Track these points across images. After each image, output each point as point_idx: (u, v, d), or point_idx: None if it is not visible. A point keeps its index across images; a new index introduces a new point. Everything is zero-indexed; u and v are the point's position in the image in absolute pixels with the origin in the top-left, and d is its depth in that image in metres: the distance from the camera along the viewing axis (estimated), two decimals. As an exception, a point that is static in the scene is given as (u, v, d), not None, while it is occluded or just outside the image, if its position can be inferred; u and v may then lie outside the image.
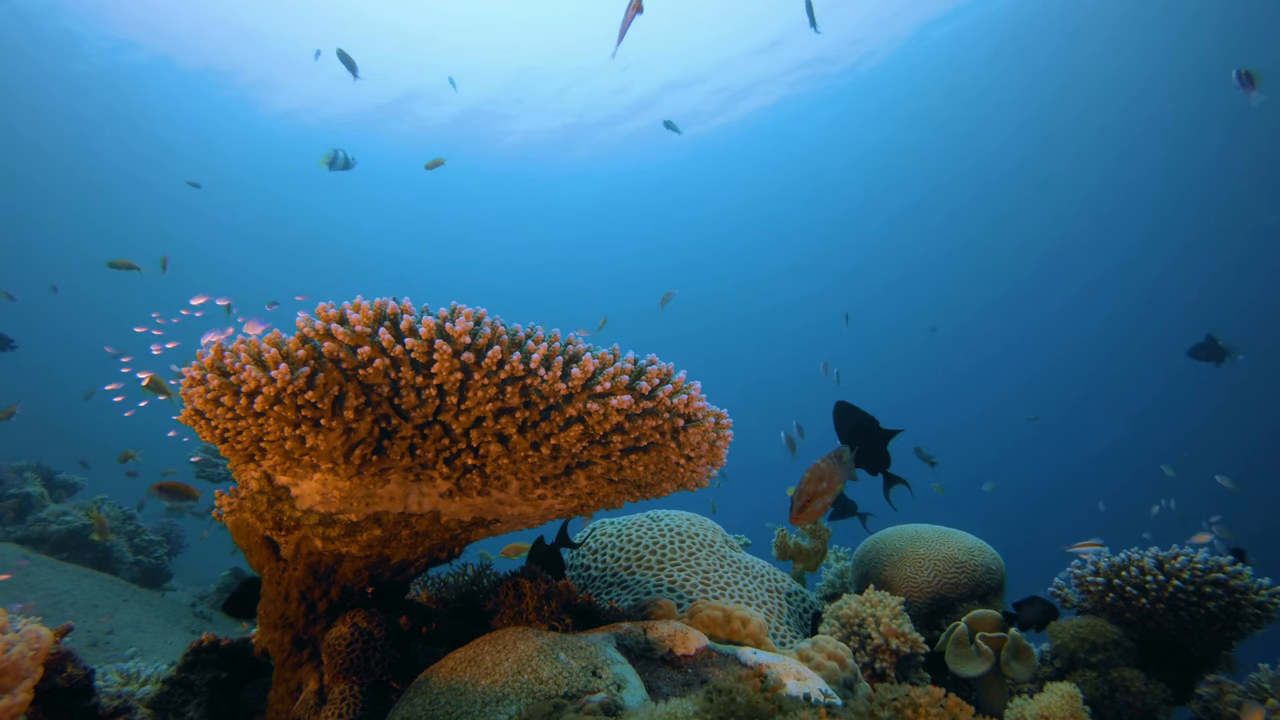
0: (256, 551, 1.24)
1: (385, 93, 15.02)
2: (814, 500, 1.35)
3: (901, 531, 2.04)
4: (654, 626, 1.23)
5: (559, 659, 0.99)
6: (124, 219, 18.62)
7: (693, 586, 1.71)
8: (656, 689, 1.08)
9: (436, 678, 1.01)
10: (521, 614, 1.24)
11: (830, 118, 16.10)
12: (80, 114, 15.35)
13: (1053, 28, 12.98)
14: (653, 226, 22.07)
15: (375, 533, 1.17)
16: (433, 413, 1.07)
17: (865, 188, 19.34)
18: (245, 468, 1.17)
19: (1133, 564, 1.80)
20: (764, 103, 15.53)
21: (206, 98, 15.12)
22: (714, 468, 1.29)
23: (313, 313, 1.05)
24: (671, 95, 15.21)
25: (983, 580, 1.88)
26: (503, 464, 1.11)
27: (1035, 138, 16.23)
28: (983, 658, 1.50)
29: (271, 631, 1.21)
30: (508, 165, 17.95)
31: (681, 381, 1.14)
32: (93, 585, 3.56)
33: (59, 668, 1.10)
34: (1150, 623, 1.77)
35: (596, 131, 16.67)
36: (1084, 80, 14.30)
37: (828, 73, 14.46)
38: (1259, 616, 1.70)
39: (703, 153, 17.68)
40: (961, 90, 15.09)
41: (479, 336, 1.02)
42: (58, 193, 17.86)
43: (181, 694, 1.27)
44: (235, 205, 18.98)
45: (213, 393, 1.03)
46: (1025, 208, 18.50)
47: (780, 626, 1.68)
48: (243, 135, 16.50)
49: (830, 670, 1.30)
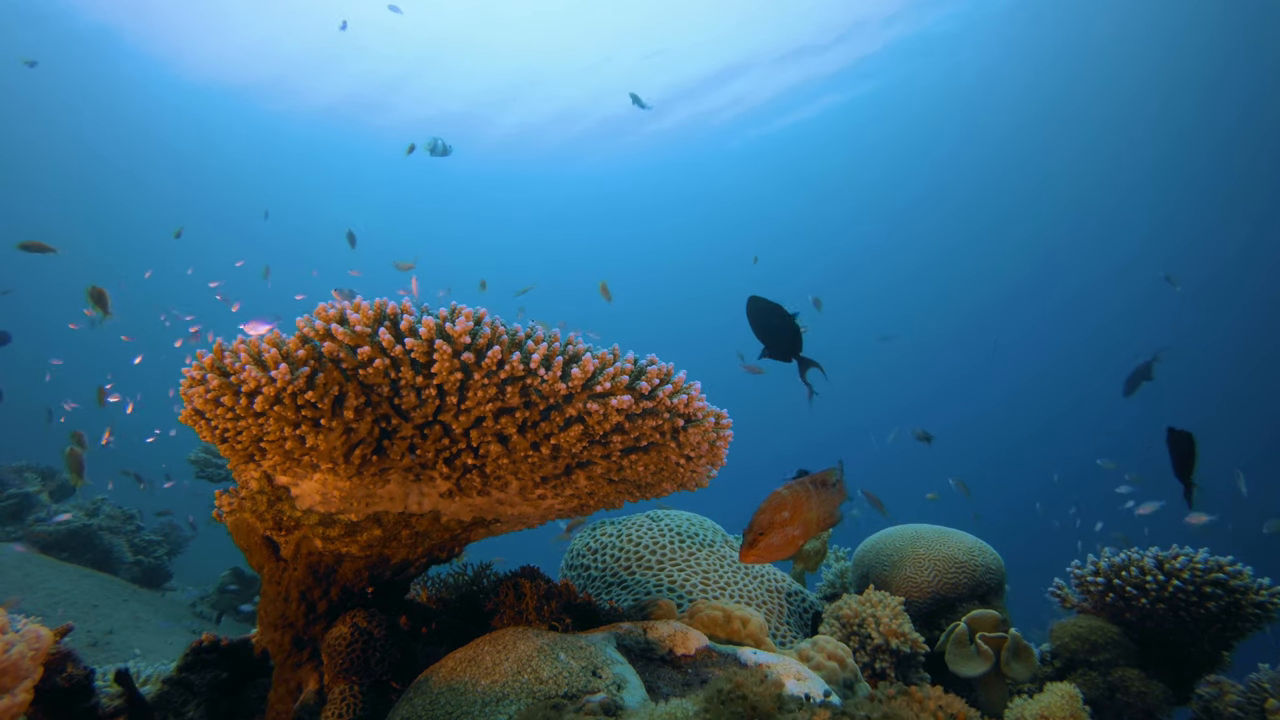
0: (256, 551, 1.24)
1: (387, 94, 15.04)
2: (772, 533, 1.12)
3: (901, 531, 2.04)
4: (654, 626, 1.23)
5: (559, 659, 0.99)
6: (124, 220, 18.63)
7: (693, 586, 1.71)
8: (656, 689, 1.08)
9: (436, 678, 1.01)
10: (521, 614, 1.24)
11: (830, 118, 16.11)
12: (81, 114, 15.37)
13: (1053, 28, 12.99)
14: (652, 227, 22.08)
15: (375, 533, 1.17)
16: (433, 413, 1.07)
17: (864, 188, 19.35)
18: (245, 468, 1.17)
19: (1133, 564, 1.80)
20: (757, 103, 15.55)
21: (205, 96, 15.13)
22: (714, 468, 1.29)
23: (312, 313, 1.05)
24: (672, 95, 15.22)
25: (983, 580, 1.88)
26: (503, 464, 1.11)
27: (1035, 137, 16.24)
28: (983, 658, 1.50)
29: (271, 631, 1.21)
30: (502, 166, 17.98)
31: (681, 381, 1.14)
32: (93, 585, 3.56)
33: (59, 668, 1.09)
34: (1150, 623, 1.77)
35: (595, 132, 16.67)
36: (1084, 80, 14.30)
37: (827, 72, 14.46)
38: (1259, 616, 1.70)
39: (704, 153, 17.70)
40: (960, 92, 15.10)
41: (479, 336, 1.02)
42: (59, 191, 17.87)
43: (181, 694, 1.27)
44: (235, 205, 19.00)
45: (213, 393, 1.03)
46: (1025, 208, 18.51)
47: (780, 626, 1.68)
48: (241, 133, 16.51)
49: (830, 670, 1.30)
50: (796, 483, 1.19)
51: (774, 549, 1.14)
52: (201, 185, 18.44)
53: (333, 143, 16.91)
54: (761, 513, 1.14)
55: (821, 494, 1.19)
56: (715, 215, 21.12)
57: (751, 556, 1.15)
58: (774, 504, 1.14)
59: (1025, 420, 22.69)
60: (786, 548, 1.15)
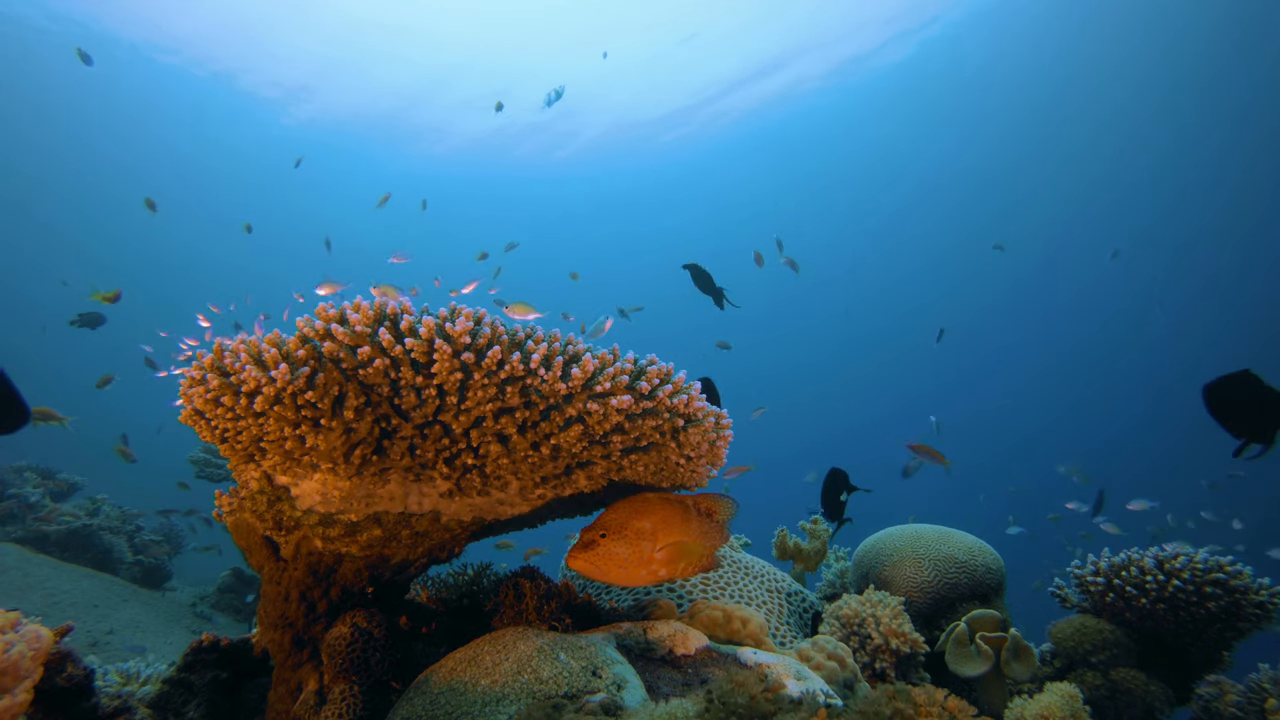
0: (256, 551, 1.24)
1: (392, 97, 15.06)
2: (620, 540, 0.84)
3: (901, 531, 2.04)
4: (654, 626, 1.23)
5: (559, 659, 0.99)
6: (127, 219, 18.63)
7: (692, 586, 1.71)
8: (656, 689, 1.08)
9: (436, 678, 1.01)
10: (521, 614, 1.24)
11: (829, 118, 16.11)
12: (91, 117, 15.41)
13: (1052, 30, 12.99)
14: (650, 226, 22.08)
15: (375, 533, 1.17)
16: (433, 413, 1.07)
17: (863, 188, 19.35)
18: (245, 468, 1.17)
19: (1133, 564, 1.80)
20: (751, 105, 15.56)
21: (217, 100, 15.17)
22: (714, 468, 1.28)
23: (312, 313, 1.05)
24: (672, 95, 15.23)
25: (983, 580, 1.88)
26: (503, 464, 1.11)
27: (1034, 138, 16.24)
28: (983, 658, 1.50)
29: (271, 631, 1.21)
30: (492, 167, 18.02)
31: (681, 381, 1.14)
32: (93, 585, 3.56)
33: (59, 668, 1.09)
34: (1150, 623, 1.77)
35: (596, 131, 16.68)
36: (1082, 81, 14.31)
37: (826, 72, 14.47)
38: (1259, 616, 1.70)
39: (706, 153, 17.70)
40: (960, 90, 15.10)
41: (479, 336, 1.02)
42: (65, 193, 17.89)
43: (182, 694, 1.27)
44: (237, 206, 19.02)
45: (213, 393, 1.03)
46: (1024, 208, 18.51)
47: (780, 626, 1.68)
48: (245, 138, 16.53)
49: (830, 670, 1.30)
50: (676, 498, 0.97)
51: (615, 561, 0.85)
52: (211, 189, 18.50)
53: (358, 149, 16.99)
54: (614, 511, 0.91)
55: (703, 523, 0.95)
56: (714, 215, 21.13)
57: (579, 562, 0.88)
58: (634, 507, 0.90)
59: (1024, 421, 22.71)
60: (634, 565, 0.85)
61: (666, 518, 0.87)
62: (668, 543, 0.85)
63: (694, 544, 0.88)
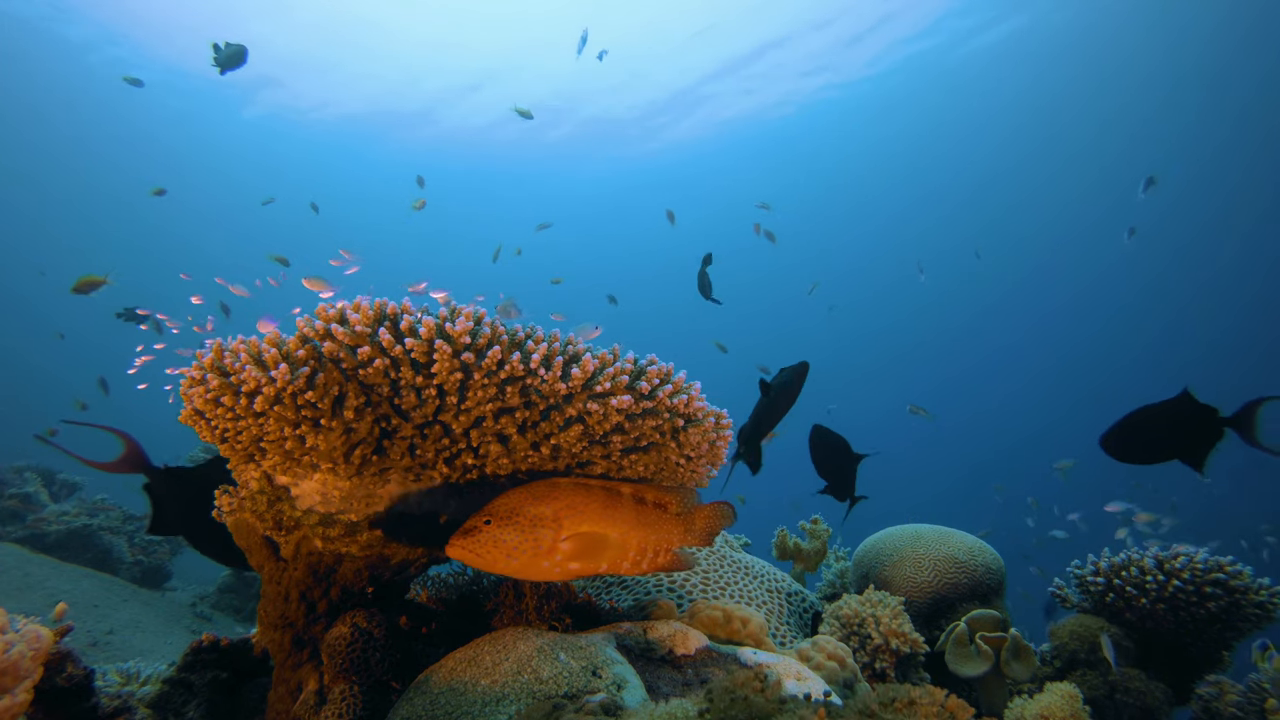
0: (256, 551, 1.24)
1: (396, 98, 15.06)
2: (510, 526, 0.74)
3: (901, 531, 2.04)
4: (654, 626, 1.23)
5: (559, 659, 0.99)
6: (129, 220, 18.64)
7: (692, 586, 1.71)
8: (656, 689, 1.08)
9: (436, 678, 1.01)
10: (521, 614, 1.24)
11: (828, 118, 16.11)
12: (84, 115, 15.38)
13: (1052, 29, 12.99)
14: (648, 227, 22.07)
15: (375, 533, 1.17)
16: (433, 413, 1.07)
17: (863, 188, 19.34)
18: (245, 468, 1.17)
19: (1133, 564, 1.80)
20: (749, 107, 15.56)
21: (211, 99, 15.15)
22: (714, 468, 1.29)
23: (312, 313, 1.05)
24: (670, 95, 15.22)
25: (983, 580, 1.88)
26: (503, 464, 1.11)
27: (1034, 138, 16.24)
28: (983, 658, 1.50)
29: (271, 631, 1.21)
30: (494, 167, 18.01)
31: (681, 381, 1.14)
32: (93, 585, 3.56)
33: (59, 668, 1.09)
34: (1150, 623, 1.77)
35: (594, 133, 16.67)
36: (1084, 80, 14.31)
37: (824, 67, 14.46)
38: (1259, 616, 1.70)
39: (706, 152, 17.70)
40: (960, 90, 15.10)
41: (479, 336, 1.02)
42: (59, 191, 17.88)
43: (181, 694, 1.27)
44: (236, 205, 19.02)
45: (213, 393, 1.03)
46: (1023, 209, 18.51)
47: (780, 626, 1.68)
48: (244, 136, 16.52)
49: (830, 670, 1.30)
50: (601, 484, 0.85)
51: (503, 549, 0.74)
52: (211, 188, 18.45)
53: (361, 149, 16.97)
54: (507, 496, 0.81)
55: (642, 515, 0.82)
56: (716, 214, 21.13)
57: (456, 549, 0.78)
58: (534, 492, 0.78)
59: (1024, 421, 22.70)
60: (529, 555, 0.73)
61: (576, 505, 0.77)
62: (575, 533, 0.75)
63: (618, 536, 0.78)
